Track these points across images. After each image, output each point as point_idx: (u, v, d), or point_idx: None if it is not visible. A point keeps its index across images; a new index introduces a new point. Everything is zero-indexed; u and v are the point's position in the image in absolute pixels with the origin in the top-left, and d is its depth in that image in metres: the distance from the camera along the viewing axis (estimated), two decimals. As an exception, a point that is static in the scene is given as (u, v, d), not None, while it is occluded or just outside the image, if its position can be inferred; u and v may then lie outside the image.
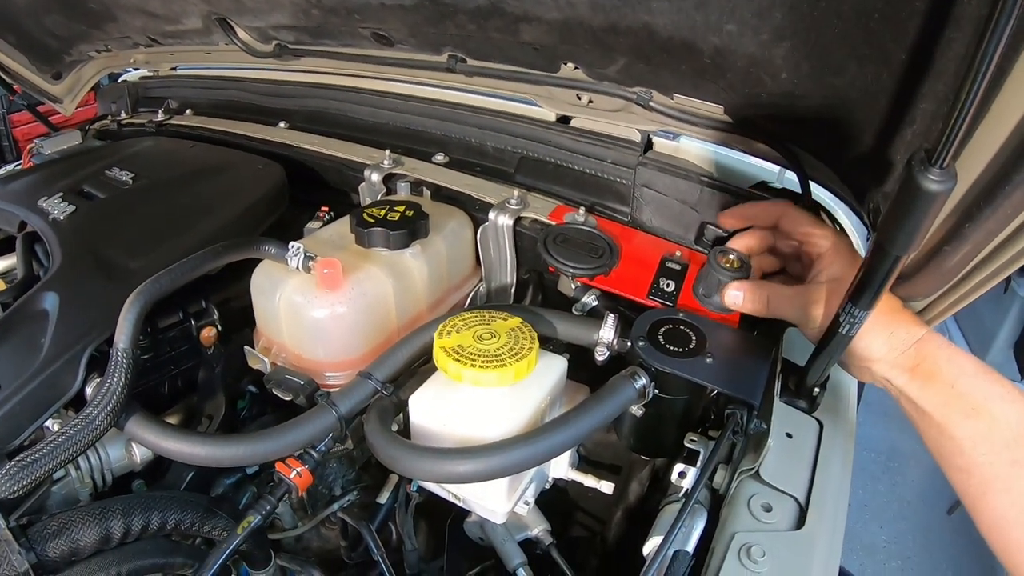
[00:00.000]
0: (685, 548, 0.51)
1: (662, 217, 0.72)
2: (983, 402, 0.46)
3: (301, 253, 0.61)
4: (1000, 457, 0.44)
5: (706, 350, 0.55)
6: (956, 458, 0.46)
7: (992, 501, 0.45)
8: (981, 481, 0.45)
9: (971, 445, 0.45)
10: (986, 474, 0.45)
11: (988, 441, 0.45)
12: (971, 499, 0.46)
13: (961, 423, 0.46)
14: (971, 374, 0.47)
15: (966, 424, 0.46)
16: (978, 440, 0.45)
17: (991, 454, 0.45)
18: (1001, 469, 0.44)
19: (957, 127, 0.36)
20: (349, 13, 0.72)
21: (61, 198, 0.80)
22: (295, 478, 0.56)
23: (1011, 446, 0.44)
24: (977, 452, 0.45)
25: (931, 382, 0.48)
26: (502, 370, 0.50)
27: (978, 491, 0.46)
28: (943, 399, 0.47)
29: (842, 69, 0.50)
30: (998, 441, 0.44)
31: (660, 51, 0.57)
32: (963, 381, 0.47)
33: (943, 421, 0.46)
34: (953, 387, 0.47)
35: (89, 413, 0.55)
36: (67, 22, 0.99)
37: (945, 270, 0.48)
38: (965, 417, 0.46)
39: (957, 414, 0.46)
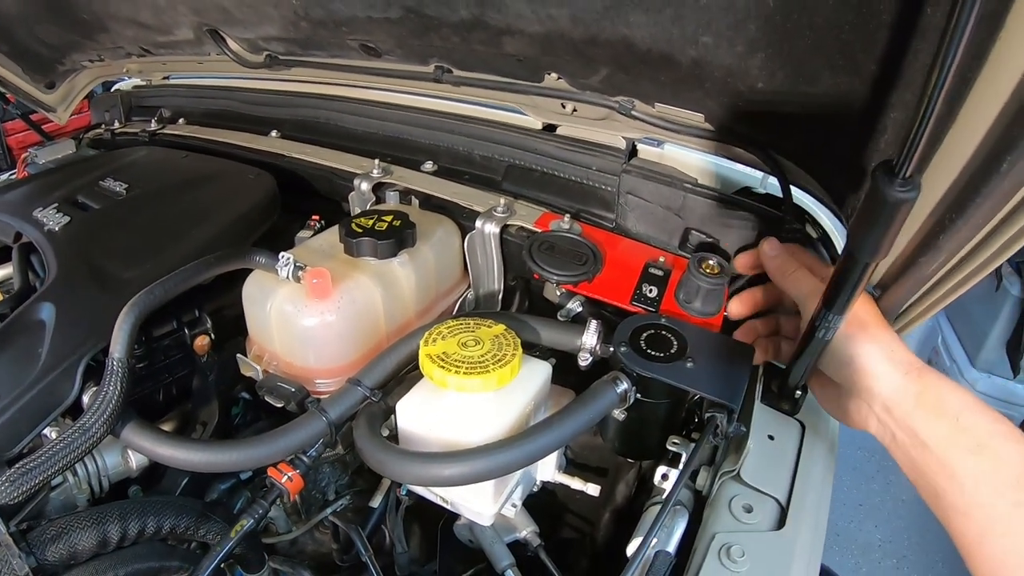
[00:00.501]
0: (666, 549, 0.53)
1: (646, 223, 0.73)
2: (987, 439, 0.43)
3: (291, 263, 0.62)
4: (1003, 498, 0.42)
5: (687, 355, 0.57)
6: (956, 499, 0.43)
7: (991, 546, 0.42)
8: (981, 524, 0.42)
9: (973, 485, 0.43)
10: (987, 517, 0.42)
11: (991, 481, 0.42)
12: (969, 543, 0.43)
13: (964, 460, 0.43)
14: (973, 409, 0.45)
15: (969, 461, 0.43)
16: (981, 480, 0.42)
17: (994, 495, 0.42)
18: (1003, 511, 0.41)
19: (917, 139, 0.37)
20: (337, 25, 0.73)
21: (56, 209, 0.82)
22: (286, 482, 0.58)
23: (1015, 487, 0.41)
24: (979, 493, 0.42)
25: (936, 413, 0.45)
26: (485, 376, 0.51)
27: (977, 535, 0.43)
28: (947, 433, 0.44)
29: (816, 79, 0.51)
30: (1002, 482, 0.42)
31: (640, 62, 0.58)
32: (966, 416, 0.44)
33: (945, 457, 0.44)
34: (958, 420, 0.44)
35: (86, 421, 0.56)
36: (60, 32, 1.00)
37: (921, 279, 0.49)
38: (969, 454, 0.43)
39: (961, 450, 0.43)
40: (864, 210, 0.42)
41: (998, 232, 0.43)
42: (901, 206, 0.40)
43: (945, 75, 0.34)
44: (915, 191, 0.39)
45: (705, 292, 0.61)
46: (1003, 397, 1.81)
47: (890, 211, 0.40)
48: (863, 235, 0.43)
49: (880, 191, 0.40)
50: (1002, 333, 1.73)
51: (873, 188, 0.40)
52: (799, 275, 0.56)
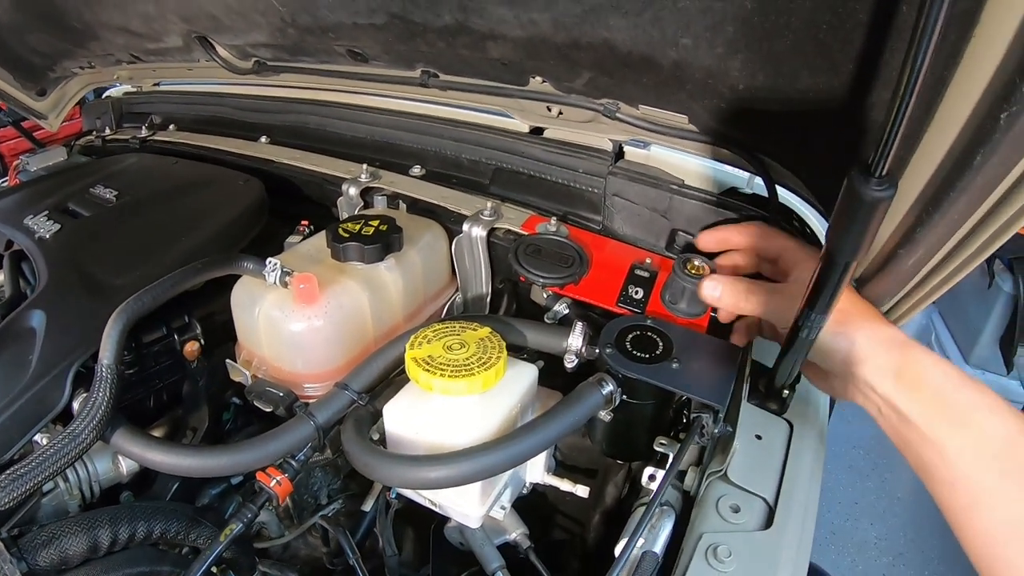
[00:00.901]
0: (653, 549, 0.53)
1: (633, 225, 0.73)
2: (970, 412, 0.44)
3: (278, 269, 0.63)
4: (989, 469, 0.42)
5: (673, 356, 0.57)
6: (941, 471, 0.44)
7: (978, 517, 0.43)
8: (967, 495, 0.43)
9: (958, 457, 0.43)
10: (973, 487, 0.43)
11: (975, 453, 0.43)
12: (956, 515, 0.44)
13: (948, 433, 0.44)
14: (956, 382, 0.45)
15: (953, 434, 0.44)
16: (965, 451, 0.43)
17: (978, 466, 0.42)
18: (989, 482, 0.42)
19: (891, 138, 0.37)
20: (324, 32, 0.74)
21: (47, 216, 0.82)
22: (275, 487, 0.58)
23: (999, 458, 0.42)
24: (964, 464, 0.43)
25: (917, 389, 0.46)
26: (470, 379, 0.52)
27: (964, 506, 0.43)
28: (929, 408, 0.45)
29: (796, 79, 0.51)
30: (986, 453, 0.42)
31: (622, 65, 0.59)
32: (949, 389, 0.45)
33: (929, 431, 0.44)
34: (939, 395, 0.45)
35: (76, 427, 0.56)
36: (50, 40, 1.01)
37: (901, 272, 0.49)
38: (952, 427, 0.44)
39: (944, 424, 0.44)
40: (841, 210, 0.42)
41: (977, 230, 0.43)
42: (878, 205, 0.40)
43: (916, 74, 0.34)
44: (891, 189, 0.40)
45: (690, 293, 0.62)
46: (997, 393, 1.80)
47: (867, 210, 0.41)
48: (841, 235, 0.43)
49: (856, 190, 0.40)
50: (995, 330, 1.73)
51: (849, 188, 0.41)
52: (754, 293, 0.56)
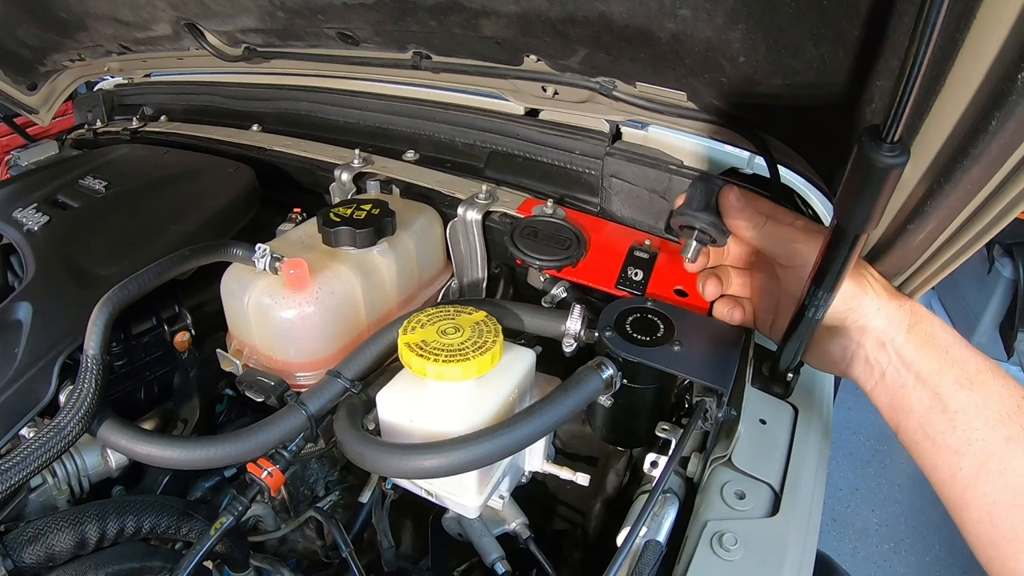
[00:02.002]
0: (657, 538, 0.51)
1: (631, 207, 0.71)
2: (976, 373, 0.43)
3: (268, 255, 0.61)
4: (995, 433, 0.41)
5: (674, 338, 0.55)
6: (947, 436, 0.43)
7: (985, 484, 0.41)
8: (975, 461, 0.41)
9: (965, 419, 0.42)
10: (981, 451, 0.41)
11: (983, 414, 0.41)
12: (961, 485, 0.42)
13: (956, 392, 0.43)
14: (962, 344, 0.45)
15: (960, 394, 0.43)
16: (972, 413, 0.42)
17: (985, 428, 0.41)
18: (996, 446, 0.41)
19: (904, 100, 0.35)
20: (313, 14, 0.72)
21: (36, 209, 0.81)
22: (267, 478, 0.56)
23: (1005, 421, 0.41)
24: (972, 427, 0.42)
25: (928, 344, 0.45)
26: (465, 364, 0.50)
27: (970, 473, 0.41)
28: (939, 365, 0.44)
29: (799, 49, 0.50)
30: (992, 414, 0.41)
31: (618, 40, 0.57)
32: (957, 349, 0.44)
33: (938, 389, 0.43)
34: (948, 353, 0.44)
35: (61, 420, 0.55)
36: (39, 32, 0.99)
37: (912, 247, 0.48)
38: (960, 386, 0.43)
39: (952, 383, 0.43)
40: (851, 179, 0.40)
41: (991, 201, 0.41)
42: (890, 172, 0.38)
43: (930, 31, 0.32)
44: (904, 155, 0.38)
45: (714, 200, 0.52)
46: None
47: (879, 178, 0.39)
48: (851, 205, 0.42)
49: (867, 157, 0.38)
50: (995, 315, 1.73)
51: (860, 155, 0.39)
52: (770, 227, 0.51)
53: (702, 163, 0.70)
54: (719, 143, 0.69)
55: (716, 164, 0.70)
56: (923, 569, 1.62)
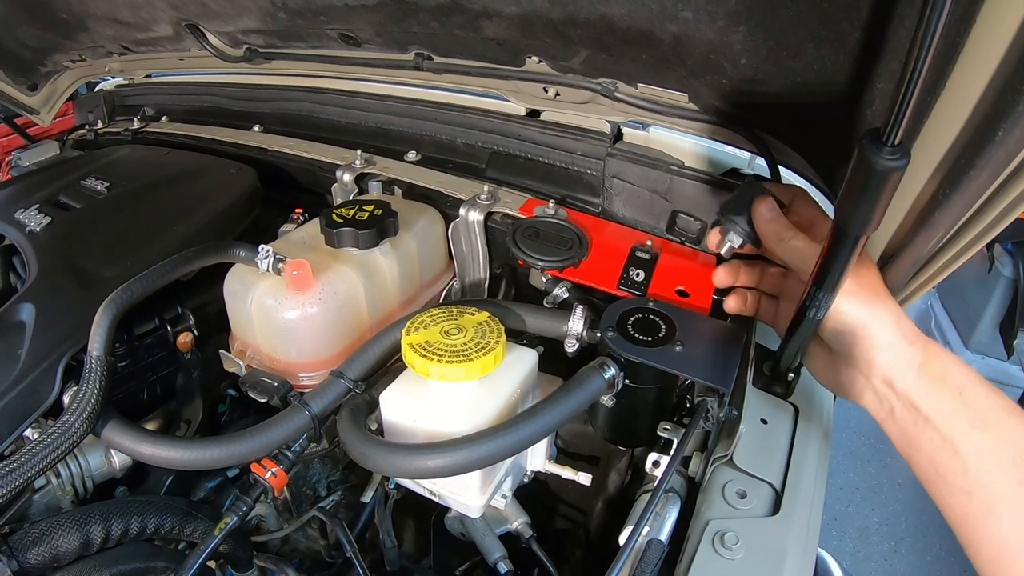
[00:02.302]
0: (659, 537, 0.51)
1: (633, 207, 0.72)
2: (989, 414, 0.42)
3: (271, 256, 0.61)
4: (1007, 475, 0.40)
5: (676, 338, 0.55)
6: (958, 477, 0.42)
7: (996, 525, 0.40)
8: (985, 503, 0.41)
9: (976, 461, 0.41)
10: (991, 494, 0.40)
11: (995, 456, 0.41)
12: (971, 524, 0.42)
13: (968, 434, 0.42)
14: (975, 382, 0.43)
15: (972, 436, 0.42)
16: (984, 455, 0.41)
17: (997, 471, 0.40)
18: (1008, 488, 0.40)
19: (905, 104, 0.36)
20: (315, 15, 0.72)
21: (38, 210, 0.81)
22: (270, 478, 0.57)
23: (1018, 464, 0.40)
24: (983, 469, 0.41)
25: (940, 385, 0.44)
26: (468, 364, 0.50)
27: (982, 515, 0.41)
28: (950, 407, 0.43)
29: (800, 52, 0.50)
30: (1005, 457, 0.40)
31: (620, 41, 0.57)
32: (970, 390, 0.43)
33: (949, 432, 0.42)
34: (961, 394, 0.43)
35: (65, 421, 0.55)
36: (40, 33, 0.99)
37: (919, 257, 0.48)
38: (972, 428, 0.42)
39: (964, 424, 0.42)
40: (852, 181, 0.41)
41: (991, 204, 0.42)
42: (891, 175, 0.39)
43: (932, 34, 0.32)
44: (905, 159, 0.38)
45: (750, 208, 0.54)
46: (997, 378, 1.81)
47: (879, 180, 0.39)
48: (852, 207, 0.42)
49: (868, 160, 0.38)
50: (995, 314, 1.73)
51: (860, 157, 0.39)
52: (796, 242, 0.52)
53: (703, 164, 0.71)
54: (720, 144, 0.69)
55: (717, 164, 0.71)
56: (924, 568, 1.62)
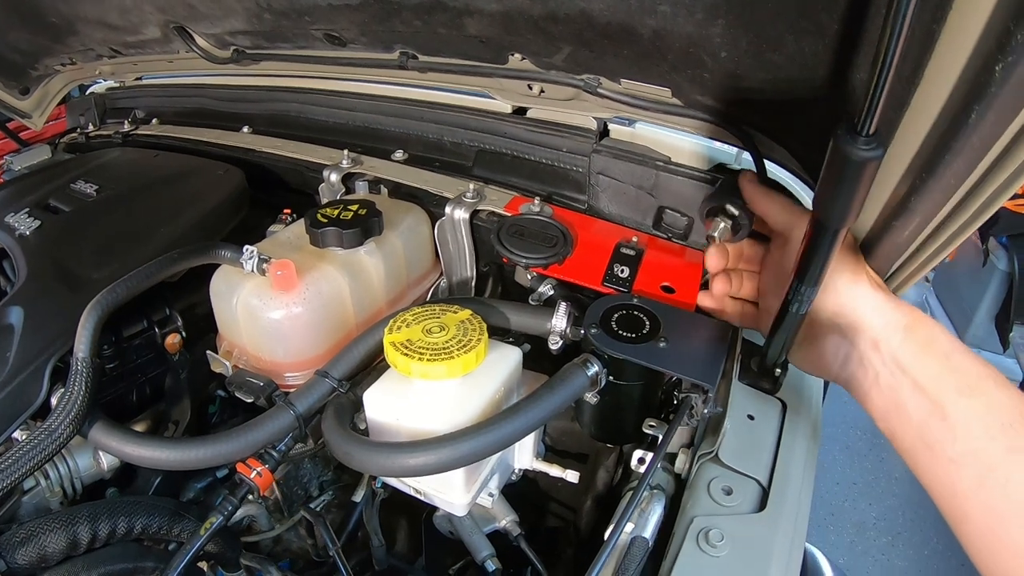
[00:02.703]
0: (643, 534, 0.51)
1: (619, 203, 0.71)
2: (977, 381, 0.41)
3: (255, 256, 0.61)
4: (996, 443, 0.39)
5: (660, 335, 0.55)
6: (946, 446, 0.40)
7: (986, 496, 0.39)
8: (975, 472, 0.39)
9: (965, 428, 0.40)
10: (982, 462, 0.39)
11: (984, 423, 0.39)
12: (960, 496, 0.40)
13: (956, 400, 0.41)
14: (962, 350, 0.43)
15: (961, 402, 0.40)
16: (974, 422, 0.40)
17: (987, 439, 0.39)
18: (998, 457, 0.39)
19: (878, 93, 0.35)
20: (299, 15, 0.72)
21: (27, 214, 0.81)
22: (256, 478, 0.57)
23: (1007, 431, 0.39)
24: (972, 436, 0.40)
25: (927, 349, 0.43)
26: (450, 362, 0.50)
27: (972, 484, 0.39)
28: (938, 371, 0.42)
29: (780, 44, 0.49)
30: (994, 424, 0.39)
31: (601, 37, 0.57)
32: (958, 356, 0.42)
33: (938, 396, 0.41)
34: (948, 359, 0.42)
35: (52, 422, 0.55)
36: (30, 37, 1.00)
37: (899, 243, 0.47)
38: (960, 395, 0.41)
39: (952, 390, 0.41)
40: (828, 173, 0.41)
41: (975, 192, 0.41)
42: (867, 166, 0.38)
43: (901, 21, 0.32)
44: (880, 149, 0.38)
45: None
46: None
47: (855, 171, 0.39)
48: (830, 200, 0.42)
49: (843, 151, 0.38)
50: (991, 308, 1.72)
51: (835, 149, 0.39)
52: (776, 197, 0.53)
53: (690, 159, 0.70)
54: (706, 139, 0.69)
55: (704, 160, 0.70)
56: (921, 562, 1.62)
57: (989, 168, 0.39)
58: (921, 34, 0.36)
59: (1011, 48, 0.31)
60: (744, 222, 0.56)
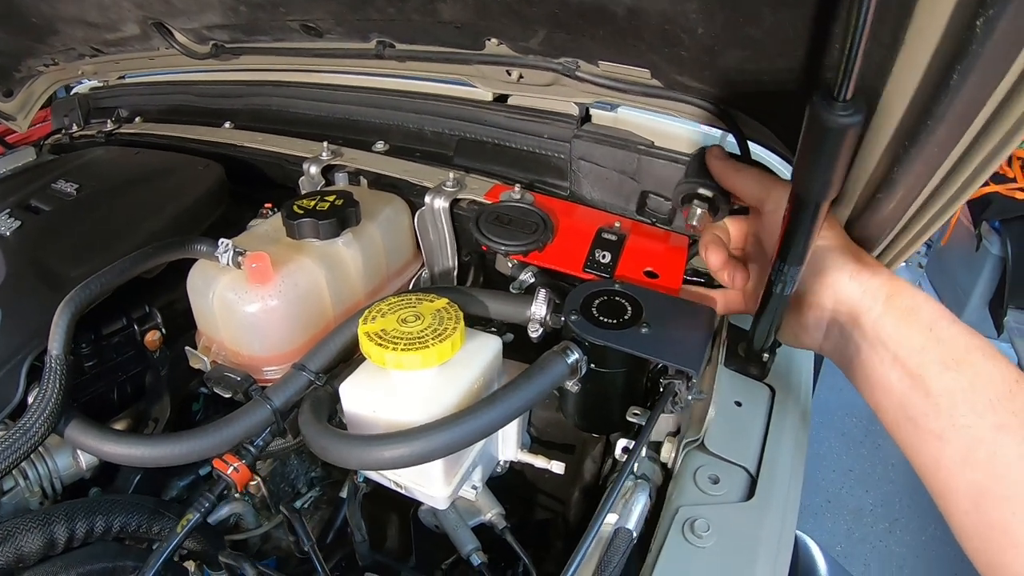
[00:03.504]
0: (627, 525, 0.50)
1: (601, 189, 0.70)
2: (964, 353, 0.39)
3: (231, 249, 0.61)
4: (983, 419, 0.37)
5: (642, 320, 0.54)
6: (930, 421, 0.39)
7: (972, 473, 0.37)
8: (961, 448, 0.37)
9: (950, 403, 0.38)
10: (966, 439, 0.37)
11: (970, 399, 0.37)
12: (945, 472, 0.39)
13: (940, 375, 0.38)
14: (948, 319, 0.40)
15: (945, 376, 0.38)
16: (959, 397, 0.38)
17: (972, 415, 0.37)
18: (984, 433, 0.37)
19: (853, 55, 0.34)
20: (274, 7, 0.71)
21: (8, 214, 0.80)
22: (232, 474, 0.56)
23: (995, 407, 0.37)
24: (957, 412, 0.38)
25: (909, 320, 0.40)
26: (425, 352, 0.49)
27: (955, 460, 0.38)
28: (921, 343, 0.39)
29: (757, 17, 0.48)
30: (981, 399, 0.37)
31: (576, 17, 0.55)
32: (942, 326, 0.40)
33: (920, 370, 0.39)
34: (932, 330, 0.40)
35: (26, 421, 0.55)
36: (11, 38, 0.99)
37: (883, 218, 0.46)
38: (945, 368, 0.38)
39: (936, 364, 0.39)
40: (806, 143, 0.39)
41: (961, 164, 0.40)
42: (845, 133, 0.37)
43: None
44: (859, 115, 0.36)
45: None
46: None
47: (834, 139, 0.37)
48: (809, 173, 0.40)
49: (820, 118, 0.37)
50: (984, 293, 1.71)
51: (812, 117, 0.37)
52: (747, 171, 0.52)
53: (673, 142, 0.69)
54: (690, 122, 0.67)
55: (688, 143, 0.69)
56: (919, 548, 1.60)
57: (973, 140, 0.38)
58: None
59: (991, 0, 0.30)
60: (721, 203, 0.54)
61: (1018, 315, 1.57)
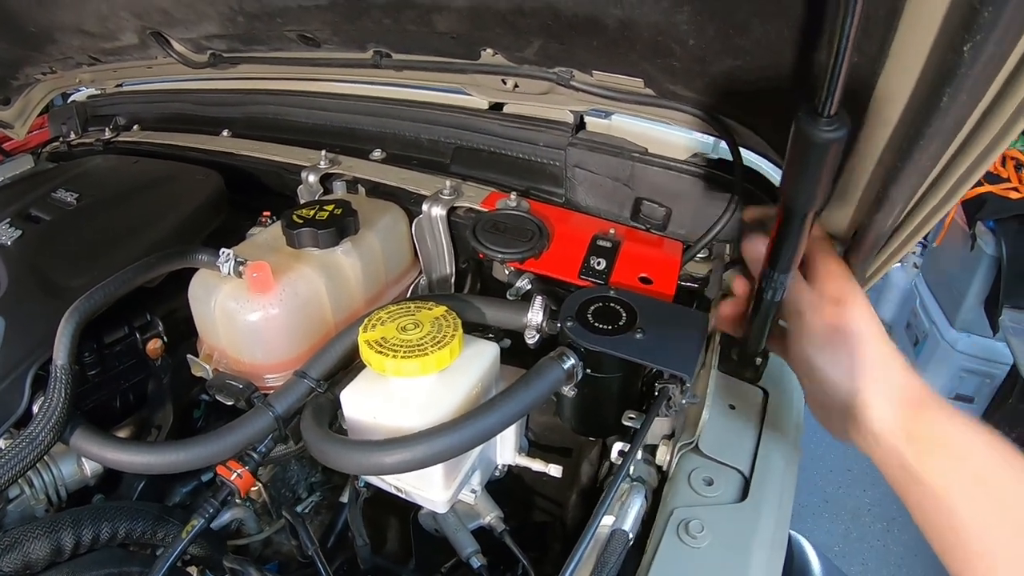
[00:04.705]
0: (623, 527, 0.51)
1: (596, 196, 0.71)
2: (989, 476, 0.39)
3: (231, 259, 0.61)
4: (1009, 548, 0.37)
5: (637, 326, 0.55)
6: (956, 549, 0.39)
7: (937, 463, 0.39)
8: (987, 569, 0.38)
9: (978, 530, 0.38)
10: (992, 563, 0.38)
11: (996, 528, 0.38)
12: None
13: (965, 503, 0.39)
14: (983, 443, 0.40)
15: (972, 504, 0.39)
16: (986, 528, 0.38)
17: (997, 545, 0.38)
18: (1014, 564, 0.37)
19: (836, 72, 0.35)
20: (271, 17, 0.72)
21: (9, 224, 0.81)
22: (236, 480, 0.57)
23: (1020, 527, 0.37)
24: (986, 538, 0.38)
25: (936, 451, 0.40)
26: (423, 359, 0.50)
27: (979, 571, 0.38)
28: (944, 469, 0.40)
29: (746, 28, 0.49)
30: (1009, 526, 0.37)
31: (569, 29, 0.57)
32: (976, 452, 0.40)
33: (943, 496, 0.39)
34: (965, 461, 0.40)
35: (32, 430, 0.55)
36: (9, 47, 1.00)
37: (881, 234, 0.47)
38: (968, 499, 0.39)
39: (959, 493, 0.39)
40: (793, 156, 0.40)
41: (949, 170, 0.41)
42: (830, 147, 0.38)
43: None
44: (842, 129, 0.37)
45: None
46: (983, 355, 1.79)
47: (819, 153, 0.38)
48: (796, 184, 0.41)
49: (806, 133, 0.38)
50: (979, 292, 1.71)
51: (798, 131, 0.38)
52: (752, 238, 0.52)
53: (667, 149, 0.70)
54: (683, 129, 0.68)
55: (681, 150, 0.70)
56: (917, 547, 1.62)
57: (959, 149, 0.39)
58: (885, 12, 0.36)
59: (977, 26, 0.30)
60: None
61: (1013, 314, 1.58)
